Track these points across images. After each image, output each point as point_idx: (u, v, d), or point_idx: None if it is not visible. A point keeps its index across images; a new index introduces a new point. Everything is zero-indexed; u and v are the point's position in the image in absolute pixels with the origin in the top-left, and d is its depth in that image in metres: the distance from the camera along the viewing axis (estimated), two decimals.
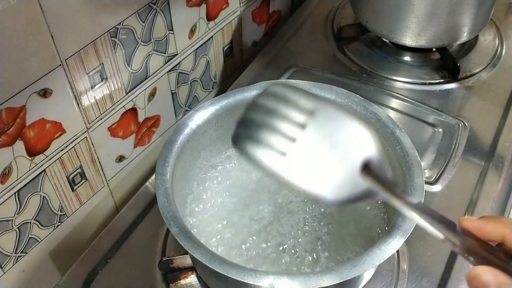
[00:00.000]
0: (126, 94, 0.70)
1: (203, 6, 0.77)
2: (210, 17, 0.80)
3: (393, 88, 0.84)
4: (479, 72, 0.86)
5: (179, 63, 0.78)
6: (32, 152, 0.59)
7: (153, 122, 0.78)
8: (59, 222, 0.68)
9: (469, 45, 0.91)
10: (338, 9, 1.00)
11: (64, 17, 0.56)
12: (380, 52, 0.91)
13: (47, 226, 0.66)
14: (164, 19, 0.70)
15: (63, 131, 0.62)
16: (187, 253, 0.58)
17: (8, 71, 0.52)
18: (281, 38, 0.94)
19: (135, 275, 0.62)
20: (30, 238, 0.64)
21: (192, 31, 0.77)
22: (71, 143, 0.64)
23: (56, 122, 0.61)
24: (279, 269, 0.56)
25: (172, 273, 0.60)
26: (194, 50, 0.80)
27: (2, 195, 0.58)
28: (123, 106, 0.70)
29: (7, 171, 0.57)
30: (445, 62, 0.86)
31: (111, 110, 0.68)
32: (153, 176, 0.67)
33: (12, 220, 0.60)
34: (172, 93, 0.80)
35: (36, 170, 0.61)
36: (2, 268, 0.62)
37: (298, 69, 0.87)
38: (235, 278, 0.45)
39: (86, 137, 0.66)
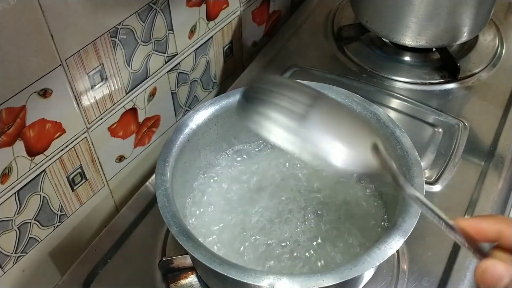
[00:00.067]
0: (126, 94, 0.70)
1: (203, 6, 0.77)
2: (210, 17, 0.80)
3: (393, 88, 0.84)
4: (479, 72, 0.86)
5: (179, 63, 0.78)
6: (32, 152, 0.59)
7: (153, 122, 0.78)
8: (59, 222, 0.68)
9: (469, 45, 0.91)
10: (338, 9, 1.00)
11: (64, 17, 0.56)
12: (380, 52, 0.91)
13: (47, 226, 0.66)
14: (164, 19, 0.70)
15: (63, 131, 0.62)
16: (187, 253, 0.58)
17: (8, 71, 0.52)
18: (281, 38, 0.94)
19: (135, 275, 0.62)
20: (30, 238, 0.64)
21: (192, 31, 0.77)
22: (71, 143, 0.64)
23: (56, 122, 0.61)
24: (279, 269, 0.56)
25: (172, 273, 0.60)
26: (194, 50, 0.80)
27: (2, 195, 0.58)
28: (123, 106, 0.70)
29: (7, 171, 0.57)
30: (445, 62, 0.86)
31: (111, 110, 0.69)
32: (153, 176, 0.67)
33: (12, 220, 0.60)
34: (172, 93, 0.80)
35: (36, 170, 0.61)
36: (2, 268, 0.62)
37: (298, 69, 0.87)
38: (235, 278, 0.45)
39: (86, 137, 0.66)
